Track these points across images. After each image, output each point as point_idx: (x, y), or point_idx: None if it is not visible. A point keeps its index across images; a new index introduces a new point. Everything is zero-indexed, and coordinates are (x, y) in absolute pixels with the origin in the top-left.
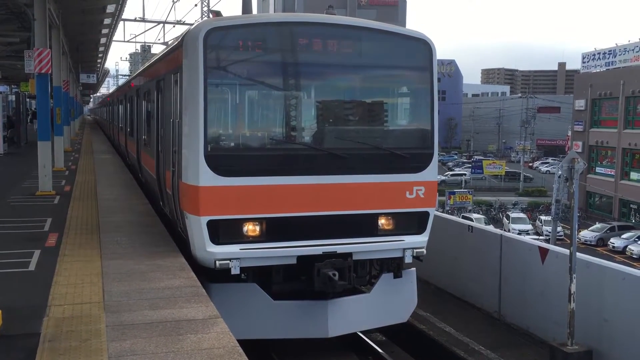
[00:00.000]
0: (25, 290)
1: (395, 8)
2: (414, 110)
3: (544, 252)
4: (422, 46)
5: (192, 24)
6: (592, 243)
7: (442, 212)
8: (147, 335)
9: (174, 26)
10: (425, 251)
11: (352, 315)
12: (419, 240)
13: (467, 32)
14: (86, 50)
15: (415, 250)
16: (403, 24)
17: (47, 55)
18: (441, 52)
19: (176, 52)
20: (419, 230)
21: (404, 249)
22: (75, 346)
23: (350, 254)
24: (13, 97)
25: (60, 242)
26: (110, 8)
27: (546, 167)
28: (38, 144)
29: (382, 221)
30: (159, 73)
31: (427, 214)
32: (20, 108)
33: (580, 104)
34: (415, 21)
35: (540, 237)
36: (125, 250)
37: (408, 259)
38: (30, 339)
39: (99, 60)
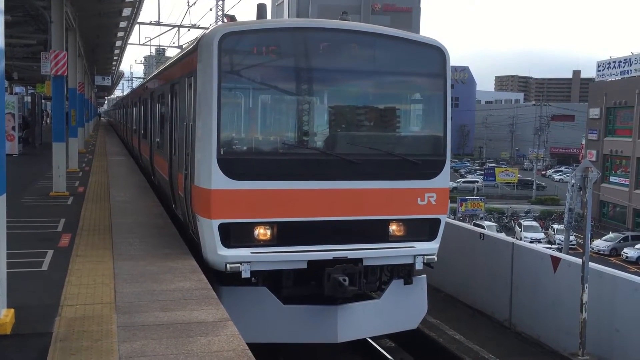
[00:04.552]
0: (37, 290)
1: (409, 14)
2: (427, 117)
3: (556, 261)
4: (436, 53)
5: (206, 28)
6: (605, 253)
7: (454, 219)
8: (157, 336)
9: (188, 30)
10: (436, 258)
11: (361, 321)
12: (430, 247)
13: (482, 38)
14: (101, 52)
15: (426, 257)
16: (417, 30)
17: (63, 58)
18: (455, 59)
19: (191, 56)
20: (430, 237)
21: (415, 256)
22: (86, 346)
23: (360, 260)
24: (29, 99)
25: (73, 243)
26: (126, 11)
27: (559, 175)
28: (53, 145)
29: (393, 227)
30: (174, 76)
31: (438, 220)
32: (36, 109)
33: (594, 112)
34: (429, 28)
35: (553, 246)
36: (137, 251)
37: (419, 266)
38: (42, 338)
39: (114, 63)
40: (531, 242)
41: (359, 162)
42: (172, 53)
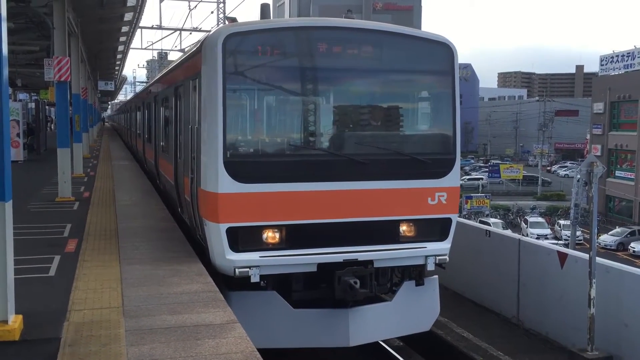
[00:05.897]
0: (45, 296)
1: (410, 13)
2: (436, 115)
3: (563, 256)
4: (443, 50)
5: (208, 31)
6: (612, 247)
7: (459, 216)
8: (165, 339)
9: (190, 33)
10: (447, 258)
11: (373, 324)
12: (442, 247)
13: (483, 36)
14: (104, 57)
15: (437, 258)
16: (418, 28)
17: (66, 63)
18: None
19: (195, 58)
20: (442, 237)
21: (426, 256)
22: (95, 351)
23: (371, 262)
24: (33, 105)
25: (80, 248)
26: (128, 16)
27: (565, 170)
28: (57, 151)
29: (403, 228)
30: (178, 79)
31: (449, 220)
32: (40, 115)
33: (598, 107)
34: (430, 26)
35: (559, 242)
36: (143, 255)
37: (430, 267)
38: (51, 343)
39: (116, 68)
40: (537, 238)
41: (367, 162)
42: (174, 56)
